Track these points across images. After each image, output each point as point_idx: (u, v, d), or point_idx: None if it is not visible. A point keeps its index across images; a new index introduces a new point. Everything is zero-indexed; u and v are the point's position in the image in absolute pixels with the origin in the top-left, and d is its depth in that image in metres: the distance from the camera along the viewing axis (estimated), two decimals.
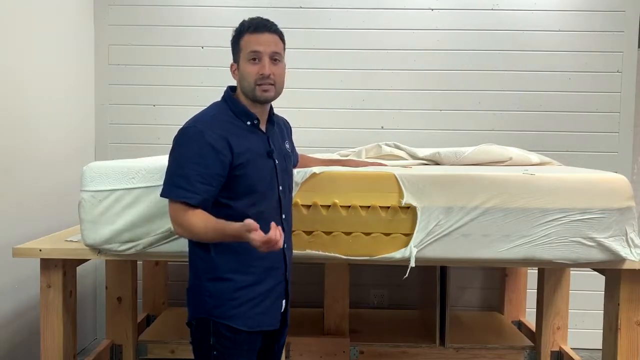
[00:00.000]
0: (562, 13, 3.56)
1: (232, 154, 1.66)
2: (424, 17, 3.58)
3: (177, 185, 1.65)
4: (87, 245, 2.23)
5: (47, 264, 2.28)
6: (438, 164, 2.67)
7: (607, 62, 3.55)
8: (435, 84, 3.59)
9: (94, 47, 3.61)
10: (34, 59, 2.90)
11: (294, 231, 2.18)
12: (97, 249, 2.23)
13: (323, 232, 2.20)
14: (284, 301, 1.84)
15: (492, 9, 3.57)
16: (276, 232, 1.49)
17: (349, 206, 2.20)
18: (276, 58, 1.74)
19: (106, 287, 2.91)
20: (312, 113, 3.61)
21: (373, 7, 3.58)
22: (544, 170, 2.41)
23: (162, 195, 1.69)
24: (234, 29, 1.78)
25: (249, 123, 1.75)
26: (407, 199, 2.17)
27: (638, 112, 3.63)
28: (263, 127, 1.80)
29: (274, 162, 1.78)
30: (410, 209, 2.18)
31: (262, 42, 1.72)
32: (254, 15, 1.87)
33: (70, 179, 3.04)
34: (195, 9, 3.59)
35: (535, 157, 2.79)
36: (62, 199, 3.09)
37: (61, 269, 2.29)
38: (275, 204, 1.78)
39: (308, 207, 2.20)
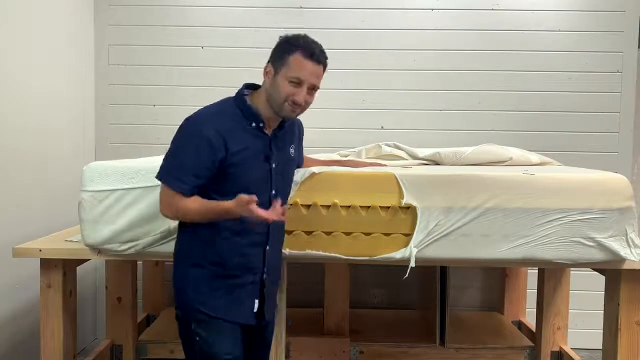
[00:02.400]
0: (562, 13, 3.56)
1: (226, 151, 1.71)
2: (424, 17, 3.58)
3: (172, 174, 1.74)
4: (87, 245, 2.23)
5: (47, 264, 2.28)
6: (438, 164, 2.67)
7: (607, 62, 3.55)
8: (435, 84, 3.59)
9: (94, 47, 3.61)
10: (33, 58, 2.90)
11: (293, 231, 2.19)
12: (97, 249, 2.23)
13: (323, 232, 2.20)
14: (256, 301, 1.85)
15: (492, 9, 3.57)
16: (269, 214, 1.62)
17: (349, 206, 2.19)
18: (314, 88, 1.78)
19: (106, 287, 2.91)
20: (312, 113, 3.55)
21: (373, 7, 3.58)
22: (544, 170, 2.41)
23: (157, 176, 1.77)
24: (286, 35, 1.77)
25: (253, 125, 1.78)
26: (407, 199, 2.17)
27: (638, 112, 3.64)
28: (269, 130, 1.81)
29: (271, 165, 1.80)
30: (410, 209, 2.18)
31: (308, 71, 1.73)
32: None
33: (70, 179, 3.05)
34: (195, 9, 3.59)
35: (535, 157, 2.79)
36: (62, 199, 3.09)
37: (61, 269, 2.29)
38: (265, 208, 1.76)
39: (308, 207, 2.20)
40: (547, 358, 2.99)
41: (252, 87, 1.85)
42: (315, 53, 1.74)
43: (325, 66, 1.79)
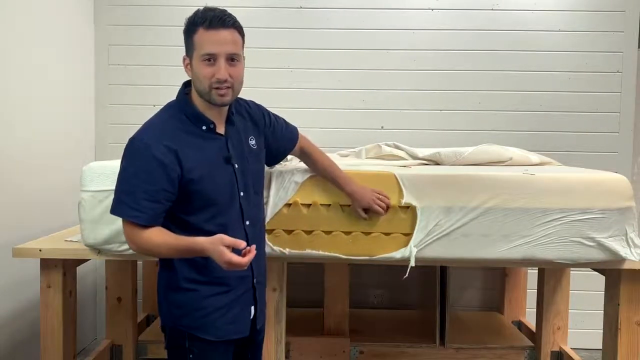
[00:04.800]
0: (562, 13, 3.56)
1: (181, 168, 1.58)
2: (424, 17, 3.58)
3: (124, 203, 1.58)
4: (87, 245, 2.23)
5: (47, 264, 2.28)
6: (438, 164, 2.67)
7: (607, 62, 3.55)
8: (435, 84, 3.59)
9: (94, 47, 3.61)
10: (34, 59, 2.90)
11: (293, 231, 2.19)
12: (97, 249, 2.23)
13: (323, 231, 2.20)
14: (252, 307, 1.78)
15: (492, 9, 3.57)
16: (243, 260, 1.48)
17: (349, 205, 2.19)
18: (234, 58, 1.60)
19: (106, 287, 2.91)
20: (312, 113, 3.61)
21: (373, 7, 3.58)
22: (544, 170, 2.41)
23: (111, 212, 1.63)
24: (187, 17, 1.62)
25: (204, 128, 1.65)
26: (407, 199, 2.17)
27: (638, 112, 3.64)
28: (221, 128, 1.69)
29: (233, 167, 1.68)
30: (410, 209, 2.18)
31: (218, 41, 1.56)
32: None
33: (70, 179, 3.04)
34: (195, 9, 3.58)
35: (535, 157, 2.79)
36: (62, 199, 3.09)
37: (61, 269, 2.29)
38: (237, 212, 1.70)
39: (308, 206, 2.20)
40: (547, 358, 2.99)
41: (188, 84, 1.71)
42: (215, 19, 1.56)
43: (236, 28, 1.60)
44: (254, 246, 1.53)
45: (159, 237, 1.58)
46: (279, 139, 1.93)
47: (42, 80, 2.99)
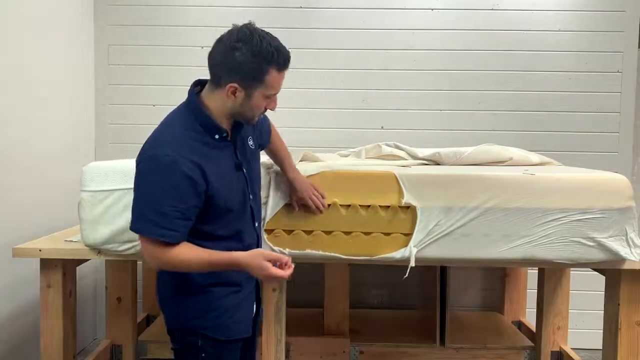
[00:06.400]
0: (562, 13, 3.56)
1: (206, 182, 1.55)
2: (424, 17, 3.58)
3: (151, 221, 1.51)
4: (87, 245, 2.23)
5: (47, 264, 2.28)
6: (438, 164, 2.67)
7: (607, 62, 3.55)
8: (435, 84, 3.59)
9: (94, 47, 3.61)
10: (33, 59, 2.90)
11: (293, 231, 2.19)
12: (97, 249, 2.23)
13: (323, 231, 2.20)
14: (254, 305, 1.82)
15: (492, 9, 3.57)
16: (287, 273, 1.53)
17: (349, 205, 2.19)
18: None
19: (106, 287, 2.91)
20: (313, 113, 3.61)
21: (373, 7, 3.58)
22: (544, 170, 2.41)
23: (133, 229, 1.56)
24: (253, 49, 1.54)
25: (217, 137, 1.62)
26: (407, 199, 2.17)
27: (638, 112, 3.63)
28: (229, 135, 1.69)
29: (243, 172, 1.70)
30: (410, 209, 2.18)
31: (282, 81, 1.63)
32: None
33: (70, 179, 3.04)
34: (195, 9, 3.59)
35: (535, 157, 2.79)
36: (62, 199, 3.09)
37: (61, 269, 2.29)
38: (249, 216, 1.73)
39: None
40: (547, 358, 2.99)
41: (200, 83, 1.70)
42: (287, 60, 1.61)
43: None
44: (289, 258, 1.57)
45: (190, 253, 1.55)
46: (262, 132, 1.94)
47: (41, 80, 2.98)
